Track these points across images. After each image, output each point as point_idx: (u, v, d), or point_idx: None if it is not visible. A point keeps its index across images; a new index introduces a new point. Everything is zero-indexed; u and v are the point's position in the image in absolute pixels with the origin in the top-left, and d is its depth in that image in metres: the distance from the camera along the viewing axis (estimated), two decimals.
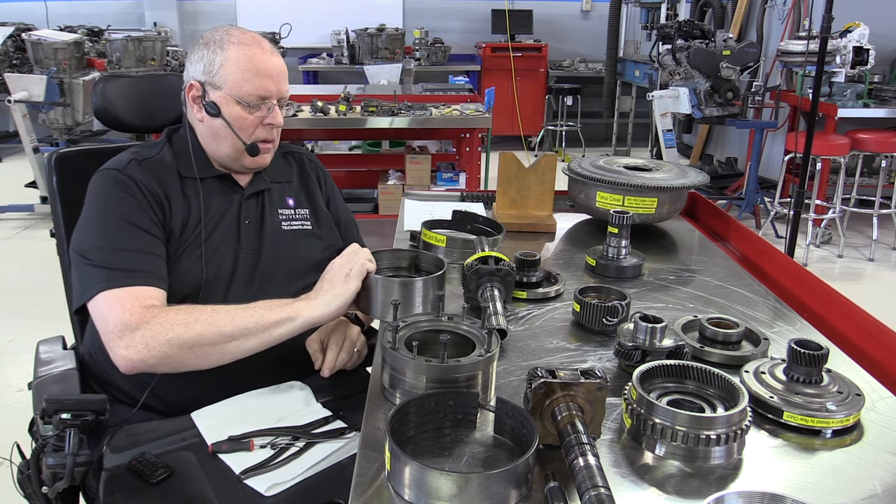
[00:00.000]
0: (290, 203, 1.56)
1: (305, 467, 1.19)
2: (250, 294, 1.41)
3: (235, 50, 1.40)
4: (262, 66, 1.41)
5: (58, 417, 1.16)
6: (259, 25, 6.95)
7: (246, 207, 1.49)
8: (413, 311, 1.21)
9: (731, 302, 1.40)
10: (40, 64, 4.90)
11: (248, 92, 1.40)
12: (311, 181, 1.63)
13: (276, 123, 1.45)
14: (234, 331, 1.23)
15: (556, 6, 7.85)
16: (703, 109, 4.86)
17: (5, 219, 5.09)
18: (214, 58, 1.40)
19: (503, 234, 1.60)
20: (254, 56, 1.40)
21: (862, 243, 4.85)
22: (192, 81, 1.43)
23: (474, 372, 0.99)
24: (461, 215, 1.70)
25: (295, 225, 1.53)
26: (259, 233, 1.48)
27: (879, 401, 1.06)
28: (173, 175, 1.44)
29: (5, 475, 1.34)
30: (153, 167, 1.43)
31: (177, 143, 1.49)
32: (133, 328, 1.21)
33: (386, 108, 4.11)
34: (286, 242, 1.50)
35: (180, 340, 1.21)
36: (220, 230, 1.44)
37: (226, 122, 1.41)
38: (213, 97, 1.41)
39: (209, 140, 1.46)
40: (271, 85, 1.42)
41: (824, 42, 3.47)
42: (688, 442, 0.89)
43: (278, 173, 1.57)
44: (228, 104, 1.41)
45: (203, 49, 1.43)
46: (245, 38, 1.42)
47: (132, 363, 1.21)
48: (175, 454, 1.23)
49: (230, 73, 1.40)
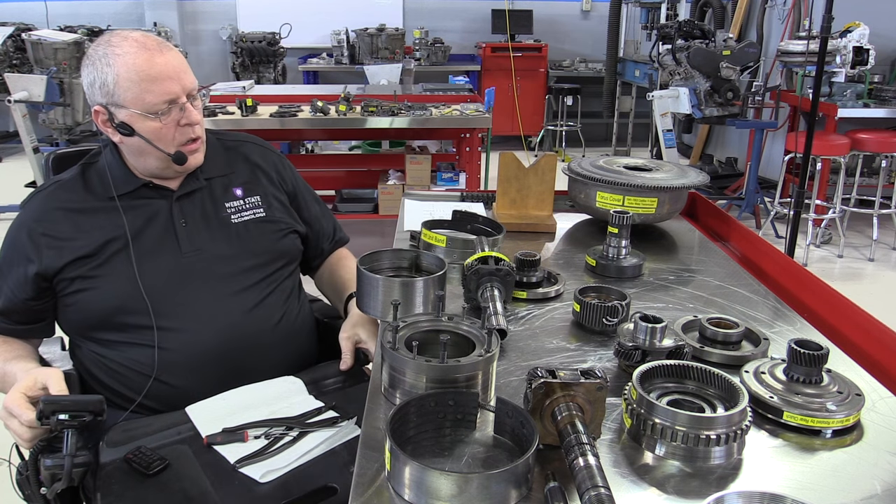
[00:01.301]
0: (237, 193, 1.52)
1: (299, 455, 1.22)
2: (215, 294, 1.42)
3: (122, 62, 1.32)
4: (156, 70, 1.33)
5: (56, 418, 1.16)
6: (259, 25, 6.97)
7: (179, 209, 1.45)
8: (413, 311, 1.21)
9: (731, 302, 1.40)
10: (40, 64, 4.90)
11: (153, 102, 1.34)
12: (260, 167, 1.58)
13: (192, 121, 1.39)
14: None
15: (556, 6, 7.85)
16: (703, 109, 4.86)
17: (5, 219, 5.09)
18: (105, 77, 1.33)
19: (503, 235, 1.60)
20: (143, 63, 1.32)
21: (862, 243, 4.85)
22: (95, 107, 1.37)
23: (474, 372, 0.98)
24: (461, 215, 1.70)
25: (246, 216, 1.50)
26: (204, 232, 1.46)
27: (879, 401, 1.06)
28: (88, 200, 1.42)
29: (4, 476, 1.34)
30: (61, 199, 1.42)
31: (91, 166, 1.46)
32: None
33: (386, 108, 4.11)
34: (240, 235, 1.48)
35: None
36: (153, 239, 1.42)
37: (143, 138, 1.36)
38: (122, 117, 1.35)
39: (133, 157, 1.43)
40: (173, 85, 1.35)
41: (824, 42, 3.47)
42: (688, 442, 0.89)
43: (216, 167, 1.52)
44: (139, 120, 1.35)
45: (91, 70, 1.35)
46: (127, 46, 1.34)
47: None
48: (170, 447, 1.25)
49: (126, 88, 1.33)
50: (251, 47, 6.69)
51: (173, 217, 1.44)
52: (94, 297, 1.38)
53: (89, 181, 1.44)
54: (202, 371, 1.40)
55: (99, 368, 1.43)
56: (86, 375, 1.46)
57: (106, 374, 1.42)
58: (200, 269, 1.43)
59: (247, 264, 1.47)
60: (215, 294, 1.43)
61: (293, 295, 1.57)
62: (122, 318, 1.39)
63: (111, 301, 1.38)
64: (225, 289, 1.44)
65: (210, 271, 1.44)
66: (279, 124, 4.06)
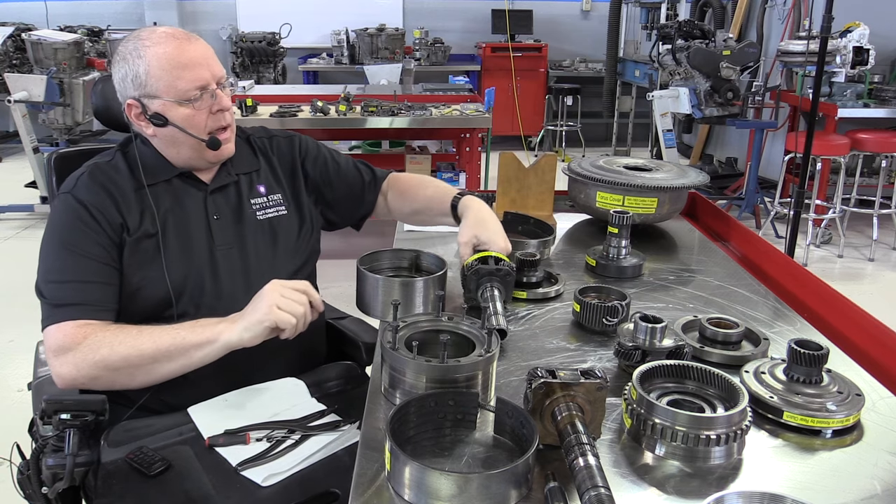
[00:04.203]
0: (261, 191, 1.53)
1: (301, 458, 1.21)
2: (243, 288, 1.40)
3: (153, 53, 1.35)
4: (186, 57, 1.35)
5: (57, 418, 1.17)
6: (259, 25, 6.96)
7: (213, 203, 1.46)
8: (413, 311, 1.21)
9: (731, 302, 1.40)
10: (40, 64, 4.90)
11: (185, 88, 1.35)
12: (276, 160, 1.58)
13: (224, 107, 1.41)
14: (156, 353, 1.25)
15: (556, 6, 7.85)
16: (703, 109, 4.86)
17: (5, 219, 5.09)
18: (137, 69, 1.35)
19: (553, 236, 1.60)
20: (173, 51, 1.35)
21: (862, 243, 4.85)
22: (128, 101, 1.38)
23: (474, 372, 0.99)
24: (512, 216, 1.70)
25: (270, 213, 1.51)
26: (235, 227, 1.46)
27: (879, 401, 1.06)
28: (128, 184, 1.41)
29: (5, 475, 1.34)
30: (108, 175, 1.40)
31: (130, 154, 1.46)
32: (66, 349, 1.25)
33: (386, 108, 4.11)
34: (264, 232, 1.48)
35: (106, 362, 1.24)
36: (189, 229, 1.42)
37: (177, 127, 1.37)
38: (155, 108, 1.37)
39: (168, 149, 1.43)
40: (203, 72, 1.37)
41: (824, 42, 3.47)
42: (688, 442, 0.89)
43: (244, 163, 1.53)
44: (172, 109, 1.36)
45: (123, 65, 1.37)
46: (157, 38, 1.36)
47: (64, 381, 1.27)
48: (172, 448, 1.24)
49: (159, 77, 1.35)
50: (251, 47, 6.69)
51: (207, 210, 1.45)
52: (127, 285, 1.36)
53: (130, 165, 1.44)
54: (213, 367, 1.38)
55: None
56: None
57: None
58: (231, 264, 1.43)
59: (270, 261, 1.47)
60: (236, 290, 1.41)
61: None
62: (151, 302, 1.37)
63: (147, 287, 1.36)
64: (247, 285, 1.42)
65: (237, 267, 1.44)
66: (279, 124, 4.06)
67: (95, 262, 1.33)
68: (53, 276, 1.32)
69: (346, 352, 1.64)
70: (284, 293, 1.24)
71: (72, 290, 1.31)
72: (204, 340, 1.25)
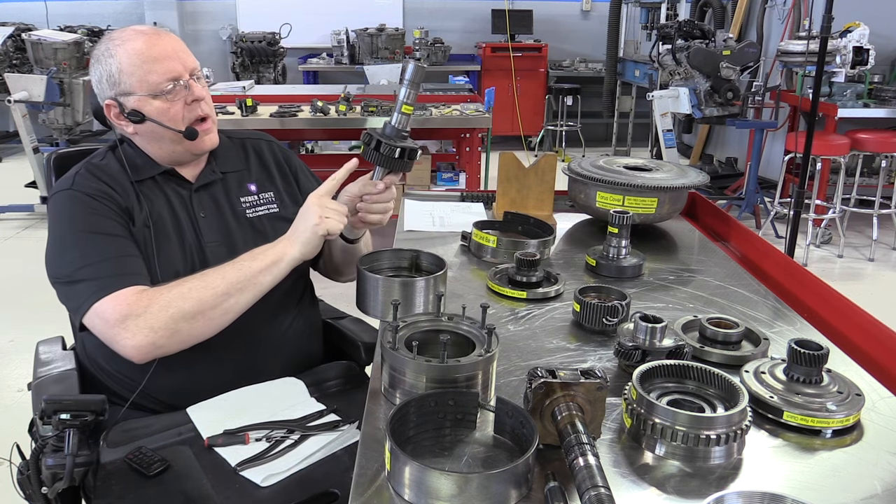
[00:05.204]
0: (251, 189, 1.53)
1: (300, 458, 1.21)
2: None
3: (123, 50, 1.36)
4: (156, 50, 1.37)
5: (57, 418, 1.17)
6: (259, 25, 6.97)
7: (198, 201, 1.46)
8: (413, 311, 1.21)
9: (731, 302, 1.40)
10: (40, 64, 4.90)
11: (157, 81, 1.36)
12: (272, 164, 1.59)
13: (198, 97, 1.41)
14: (229, 287, 1.27)
15: (556, 6, 7.85)
16: (703, 109, 4.86)
17: (5, 219, 5.09)
18: (110, 69, 1.37)
19: (553, 236, 1.61)
20: (142, 46, 1.36)
21: (862, 243, 4.85)
22: (106, 101, 1.40)
23: (474, 372, 0.99)
24: (512, 216, 1.71)
25: (261, 210, 1.52)
26: (222, 224, 1.47)
27: (879, 401, 1.06)
28: (123, 179, 1.42)
29: (5, 476, 1.34)
30: (103, 171, 1.41)
31: (119, 154, 1.46)
32: (135, 316, 1.23)
33: (386, 108, 4.10)
34: (255, 229, 1.49)
35: (182, 313, 1.24)
36: (178, 226, 1.43)
37: (154, 121, 1.38)
38: (131, 104, 1.38)
39: (150, 145, 1.44)
40: (174, 64, 1.38)
41: (824, 42, 3.47)
42: (688, 442, 0.89)
43: (230, 162, 1.54)
44: (147, 103, 1.37)
45: (97, 66, 1.39)
46: (126, 35, 1.38)
47: (142, 350, 1.23)
48: (171, 448, 1.24)
49: (131, 73, 1.36)
50: (251, 47, 6.70)
51: (193, 208, 1.45)
52: None
53: (119, 163, 1.44)
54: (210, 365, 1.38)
55: (107, 359, 1.42)
56: (93, 368, 1.45)
57: (113, 363, 1.41)
58: (218, 262, 1.41)
59: None
60: None
61: (306, 293, 1.57)
62: None
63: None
64: None
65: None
66: (279, 124, 4.06)
67: (122, 239, 1.34)
68: (87, 259, 1.30)
69: (346, 351, 1.64)
70: (326, 203, 1.31)
71: (113, 265, 1.30)
72: (269, 263, 1.30)
